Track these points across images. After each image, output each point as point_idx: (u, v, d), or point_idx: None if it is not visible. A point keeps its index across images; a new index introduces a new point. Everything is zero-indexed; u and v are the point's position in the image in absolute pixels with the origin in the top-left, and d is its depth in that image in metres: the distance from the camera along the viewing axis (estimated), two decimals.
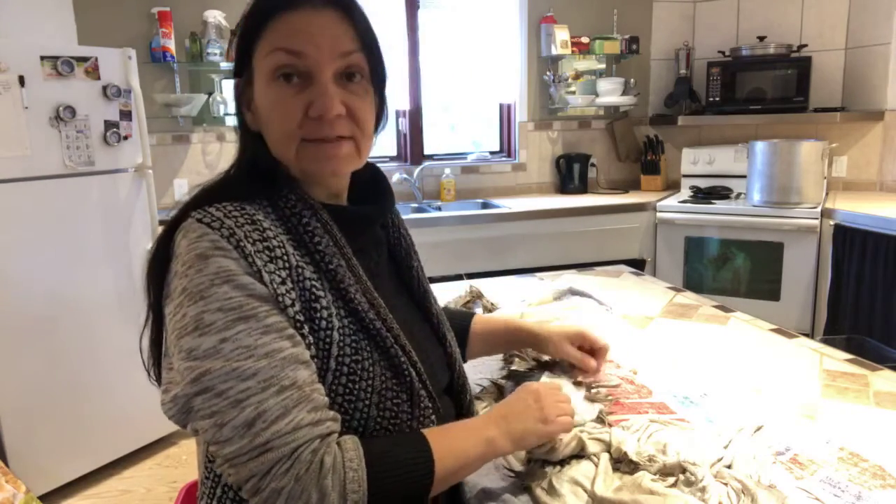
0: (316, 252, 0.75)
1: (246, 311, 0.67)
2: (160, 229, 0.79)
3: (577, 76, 3.61)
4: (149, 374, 0.81)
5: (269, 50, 0.75)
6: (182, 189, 3.11)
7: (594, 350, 1.10)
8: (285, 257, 0.71)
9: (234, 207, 0.72)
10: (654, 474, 0.83)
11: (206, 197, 0.75)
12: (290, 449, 0.64)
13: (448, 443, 0.74)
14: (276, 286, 0.69)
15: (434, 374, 0.84)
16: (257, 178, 0.78)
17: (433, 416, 0.78)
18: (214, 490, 0.77)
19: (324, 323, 0.71)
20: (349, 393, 0.72)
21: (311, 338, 0.71)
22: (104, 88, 2.32)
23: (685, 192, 3.49)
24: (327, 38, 0.75)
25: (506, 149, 3.78)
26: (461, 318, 1.13)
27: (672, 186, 3.69)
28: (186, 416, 0.68)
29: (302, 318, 0.70)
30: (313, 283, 0.72)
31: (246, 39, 0.78)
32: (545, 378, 1.06)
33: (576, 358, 1.08)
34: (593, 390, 1.07)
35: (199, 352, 0.66)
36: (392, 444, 0.72)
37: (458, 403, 0.92)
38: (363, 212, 0.85)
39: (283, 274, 0.70)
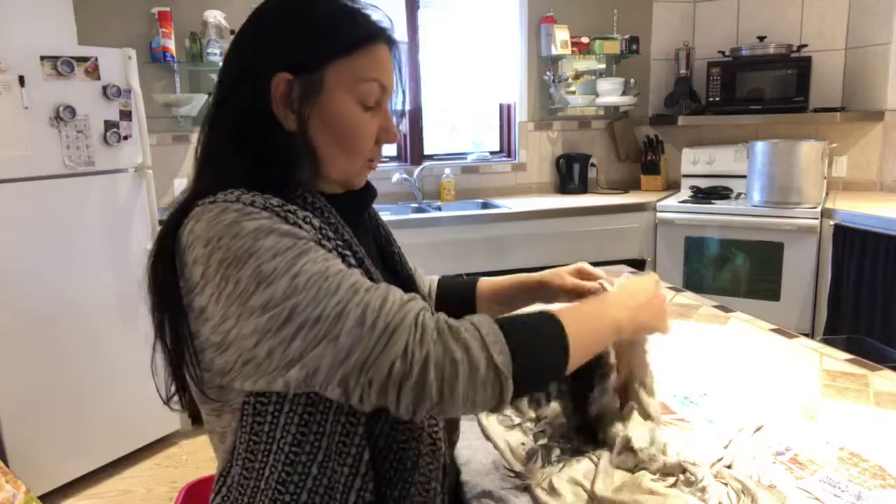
0: (328, 226, 0.76)
1: (301, 247, 0.67)
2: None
3: (577, 76, 3.61)
4: (167, 402, 0.79)
5: (366, 77, 0.78)
6: (182, 189, 3.11)
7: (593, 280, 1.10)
8: (308, 218, 0.72)
9: (242, 191, 0.72)
10: (654, 474, 0.83)
11: (210, 190, 0.74)
12: (410, 320, 0.64)
13: (577, 318, 0.76)
14: (315, 233, 0.71)
15: None
16: (264, 173, 0.76)
17: None
18: (259, 483, 0.74)
19: None
20: None
21: None
22: (104, 88, 2.32)
23: (685, 192, 3.49)
24: (392, 76, 0.83)
25: (506, 149, 3.77)
26: (466, 285, 1.12)
27: (672, 186, 3.69)
28: (288, 368, 0.64)
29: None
30: (337, 242, 0.74)
31: (323, 48, 0.76)
32: None
33: (577, 284, 1.06)
34: None
35: (276, 299, 0.64)
36: (520, 317, 0.74)
37: None
38: (357, 198, 0.88)
39: (313, 232, 0.71)
